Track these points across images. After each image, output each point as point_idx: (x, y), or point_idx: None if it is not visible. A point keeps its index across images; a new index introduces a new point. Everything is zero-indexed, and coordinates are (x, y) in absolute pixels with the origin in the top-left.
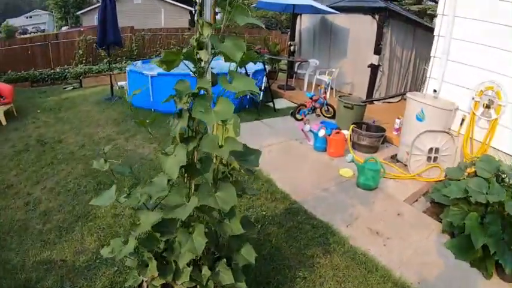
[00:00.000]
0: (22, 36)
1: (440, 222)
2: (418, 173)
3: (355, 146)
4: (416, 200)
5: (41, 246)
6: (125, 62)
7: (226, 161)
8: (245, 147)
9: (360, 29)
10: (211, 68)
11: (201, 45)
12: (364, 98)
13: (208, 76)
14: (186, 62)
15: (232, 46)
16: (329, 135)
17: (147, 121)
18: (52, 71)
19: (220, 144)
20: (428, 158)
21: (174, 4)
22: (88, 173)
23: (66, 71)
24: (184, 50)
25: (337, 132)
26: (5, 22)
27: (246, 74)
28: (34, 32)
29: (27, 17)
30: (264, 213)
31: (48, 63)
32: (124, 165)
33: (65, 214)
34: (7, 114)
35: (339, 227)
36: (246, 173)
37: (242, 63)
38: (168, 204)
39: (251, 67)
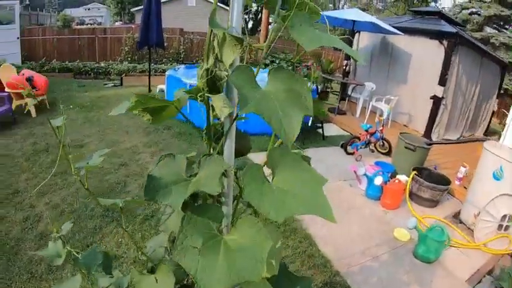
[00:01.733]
0: (78, 26)
1: None
2: (485, 242)
3: (413, 197)
4: (480, 281)
5: (26, 280)
6: (171, 64)
7: None
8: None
9: (424, 55)
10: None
11: (214, 83)
12: (421, 132)
13: (229, 147)
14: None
15: (281, 99)
16: (386, 182)
17: (119, 205)
18: (96, 65)
19: None
20: (499, 226)
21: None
22: (99, 192)
23: (110, 66)
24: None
25: (395, 180)
26: (63, 12)
27: None
28: (91, 24)
29: (85, 9)
30: None
31: (93, 56)
32: (93, 254)
33: None
34: (39, 106)
35: None
36: None
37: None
38: None
39: None
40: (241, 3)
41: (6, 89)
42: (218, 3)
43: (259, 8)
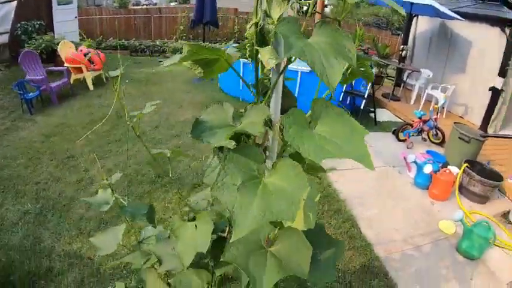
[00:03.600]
0: (134, 7)
1: None
2: None
3: (463, 190)
4: None
5: (75, 235)
6: (225, 43)
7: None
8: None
9: (484, 43)
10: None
11: (264, 37)
12: (478, 125)
13: (276, 101)
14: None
15: (324, 48)
16: (435, 172)
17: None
18: (152, 43)
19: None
20: None
21: None
22: (150, 160)
23: (166, 44)
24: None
25: (445, 170)
26: None
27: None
28: (146, 5)
29: None
30: None
31: (149, 35)
32: (138, 205)
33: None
34: (97, 80)
35: None
36: None
37: (346, 80)
38: (181, 284)
39: None
40: None
41: (66, 64)
42: None
43: None
